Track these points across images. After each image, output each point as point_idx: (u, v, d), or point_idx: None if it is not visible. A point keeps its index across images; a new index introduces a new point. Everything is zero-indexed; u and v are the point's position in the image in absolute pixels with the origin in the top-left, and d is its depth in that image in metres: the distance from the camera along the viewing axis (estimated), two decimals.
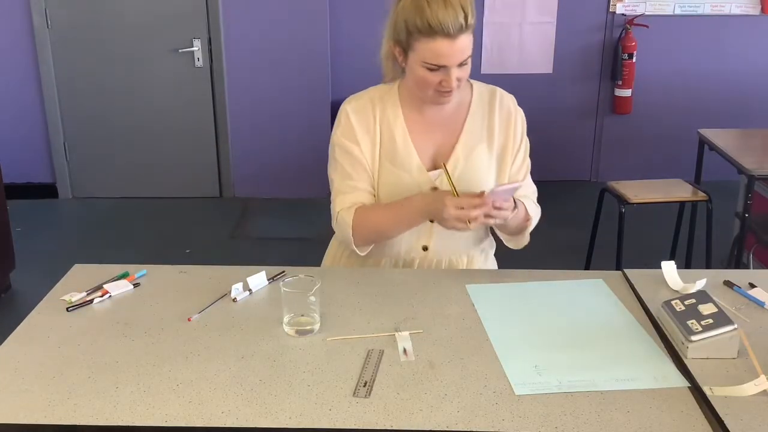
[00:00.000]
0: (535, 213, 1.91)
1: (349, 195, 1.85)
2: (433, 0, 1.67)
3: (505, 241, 1.94)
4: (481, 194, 1.69)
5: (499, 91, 1.92)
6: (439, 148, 1.86)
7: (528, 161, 1.94)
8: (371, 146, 1.85)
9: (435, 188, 1.84)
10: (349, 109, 1.87)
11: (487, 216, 1.69)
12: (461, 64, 1.72)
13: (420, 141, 1.85)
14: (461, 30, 1.68)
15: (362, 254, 1.86)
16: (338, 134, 1.87)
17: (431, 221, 1.85)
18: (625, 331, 1.58)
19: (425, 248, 1.89)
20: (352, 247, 1.84)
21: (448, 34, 1.67)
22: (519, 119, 1.90)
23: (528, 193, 1.93)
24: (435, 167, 1.85)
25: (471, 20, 1.69)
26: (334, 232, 1.91)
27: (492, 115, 1.88)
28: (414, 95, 1.83)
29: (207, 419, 1.28)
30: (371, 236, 1.85)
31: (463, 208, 1.68)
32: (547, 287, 1.76)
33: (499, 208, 1.69)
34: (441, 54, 1.69)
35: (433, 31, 1.67)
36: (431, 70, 1.72)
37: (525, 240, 1.91)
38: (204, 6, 4.71)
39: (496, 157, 1.88)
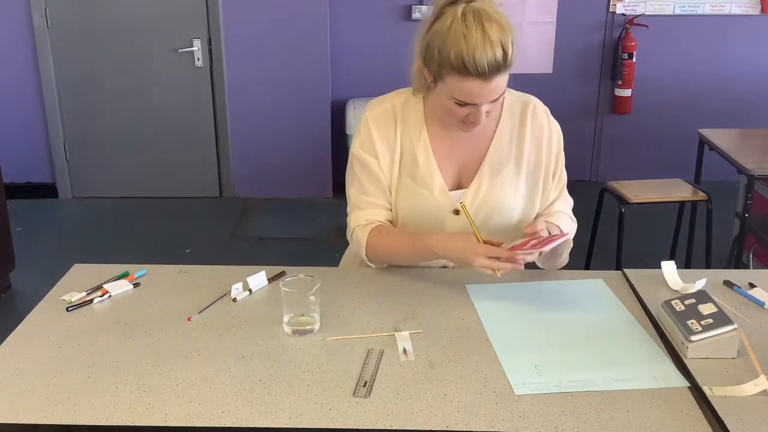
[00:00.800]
0: (572, 229, 1.84)
1: (364, 211, 1.81)
2: (471, 35, 1.54)
3: (540, 264, 1.83)
4: (512, 247, 1.62)
5: (533, 102, 1.81)
6: (464, 167, 1.79)
7: (564, 176, 1.86)
8: (390, 157, 1.77)
9: (457, 211, 1.77)
10: (369, 118, 1.78)
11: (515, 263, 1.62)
12: (493, 101, 1.63)
13: (443, 159, 1.78)
14: (498, 71, 1.56)
15: (376, 267, 1.83)
16: (357, 145, 1.79)
17: None
18: (625, 331, 1.58)
19: (445, 267, 1.86)
20: (366, 262, 1.82)
21: (483, 77, 1.56)
22: (554, 136, 1.81)
23: (563, 208, 1.86)
24: (458, 187, 1.79)
25: (510, 59, 1.57)
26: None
27: (523, 130, 1.79)
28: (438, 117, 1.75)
29: (207, 419, 1.28)
30: (384, 259, 1.82)
31: (494, 258, 1.60)
32: (547, 287, 1.76)
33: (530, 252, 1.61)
34: (473, 94, 1.59)
35: (467, 71, 1.55)
36: (460, 105, 1.63)
37: (563, 260, 1.83)
38: (204, 6, 4.71)
39: (526, 176, 1.80)
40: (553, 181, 1.84)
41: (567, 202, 1.89)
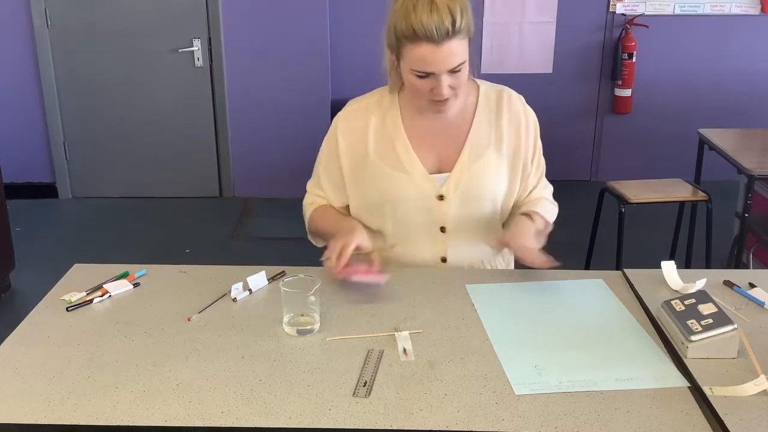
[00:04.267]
0: (553, 212, 1.91)
1: (312, 197, 1.98)
2: (419, 4, 1.61)
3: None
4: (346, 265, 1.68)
5: (507, 91, 1.86)
6: (443, 154, 1.82)
7: (543, 163, 1.92)
8: (358, 152, 1.84)
9: (441, 196, 1.81)
10: (339, 118, 1.88)
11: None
12: (453, 72, 1.66)
13: (422, 148, 1.82)
14: (447, 35, 1.61)
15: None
16: (324, 141, 1.92)
17: (442, 230, 1.84)
18: (625, 331, 1.58)
19: (444, 260, 1.88)
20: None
21: (433, 40, 1.61)
22: (531, 122, 1.85)
23: (545, 194, 1.93)
24: (439, 172, 1.82)
25: (460, 25, 1.62)
26: None
27: (500, 118, 1.83)
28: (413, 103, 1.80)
29: (207, 419, 1.28)
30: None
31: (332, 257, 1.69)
32: (547, 287, 1.76)
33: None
34: (426, 60, 1.64)
35: (417, 36, 1.62)
36: (420, 77, 1.67)
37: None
38: (204, 6, 4.71)
39: (507, 162, 1.84)
40: (532, 167, 1.89)
41: (547, 188, 1.95)
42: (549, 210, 1.90)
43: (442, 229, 1.85)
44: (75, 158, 5.01)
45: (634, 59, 5.02)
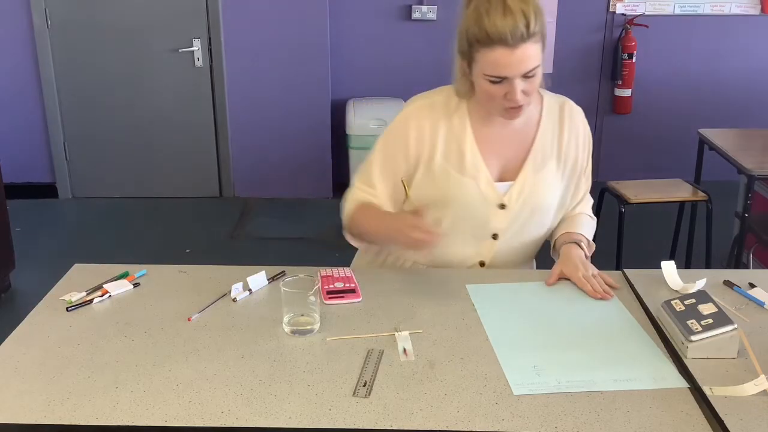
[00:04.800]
0: (593, 228, 1.94)
1: (360, 193, 1.86)
2: (492, 8, 1.59)
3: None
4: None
5: (569, 102, 1.88)
6: (508, 162, 1.81)
7: (590, 178, 1.95)
8: (426, 149, 1.79)
9: (502, 205, 1.80)
10: (411, 112, 1.81)
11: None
12: (526, 76, 1.63)
13: (488, 154, 1.80)
14: (522, 39, 1.58)
15: (352, 244, 1.89)
16: (387, 135, 1.84)
17: (494, 237, 1.83)
18: (625, 331, 1.57)
19: (482, 264, 1.87)
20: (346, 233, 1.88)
21: (507, 43, 1.58)
22: (587, 137, 1.88)
23: (585, 209, 1.95)
24: (502, 180, 1.81)
25: (534, 28, 1.59)
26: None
27: (562, 129, 1.83)
28: (483, 109, 1.77)
29: (207, 419, 1.28)
30: (361, 229, 1.85)
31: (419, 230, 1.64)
32: (547, 287, 1.76)
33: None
34: (500, 65, 1.61)
35: (491, 40, 1.59)
36: (494, 82, 1.64)
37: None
38: (204, 6, 4.71)
39: (565, 173, 1.85)
40: (582, 181, 1.91)
41: (589, 202, 1.97)
42: (591, 228, 1.93)
43: (494, 236, 1.83)
44: (75, 158, 5.01)
45: (634, 59, 5.02)
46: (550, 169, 1.82)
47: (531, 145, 1.81)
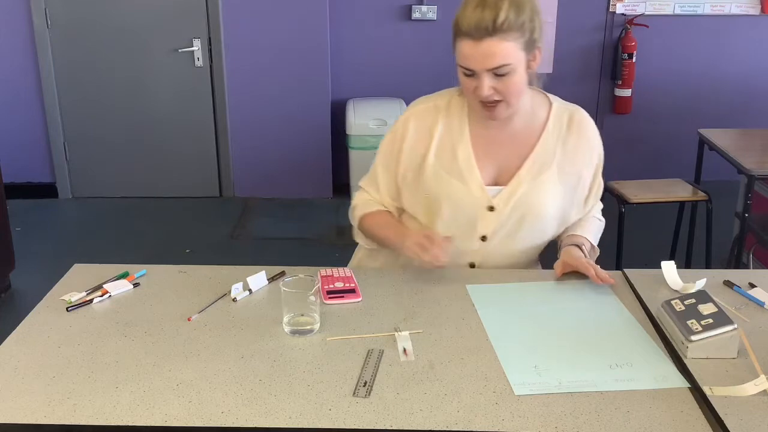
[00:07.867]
0: (600, 230, 1.96)
1: (365, 195, 1.93)
2: (472, 1, 1.61)
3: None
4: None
5: (580, 112, 1.85)
6: (503, 166, 1.80)
7: (602, 188, 1.94)
8: (413, 153, 1.81)
9: (491, 207, 1.79)
10: (412, 114, 1.83)
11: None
12: (497, 74, 1.63)
13: (483, 156, 1.79)
14: (487, 32, 1.58)
15: (365, 245, 1.93)
16: (388, 138, 1.86)
17: (483, 239, 1.83)
18: (625, 331, 1.57)
19: (472, 265, 1.87)
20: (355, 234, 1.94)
21: (471, 36, 1.60)
22: (598, 151, 1.87)
23: (594, 211, 1.96)
24: (495, 184, 1.81)
25: (503, 24, 1.58)
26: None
27: (569, 139, 1.81)
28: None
29: (207, 419, 1.28)
30: (370, 233, 1.92)
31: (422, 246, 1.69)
32: (547, 287, 1.76)
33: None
34: (466, 56, 1.63)
35: (460, 31, 1.62)
36: (466, 75, 1.66)
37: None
38: (204, 6, 4.71)
39: (567, 184, 1.83)
40: (590, 193, 1.91)
41: (598, 206, 1.98)
42: (597, 231, 1.95)
43: (483, 238, 1.83)
44: (75, 158, 5.01)
45: (634, 59, 5.02)
46: (550, 176, 1.80)
47: (531, 151, 1.80)
